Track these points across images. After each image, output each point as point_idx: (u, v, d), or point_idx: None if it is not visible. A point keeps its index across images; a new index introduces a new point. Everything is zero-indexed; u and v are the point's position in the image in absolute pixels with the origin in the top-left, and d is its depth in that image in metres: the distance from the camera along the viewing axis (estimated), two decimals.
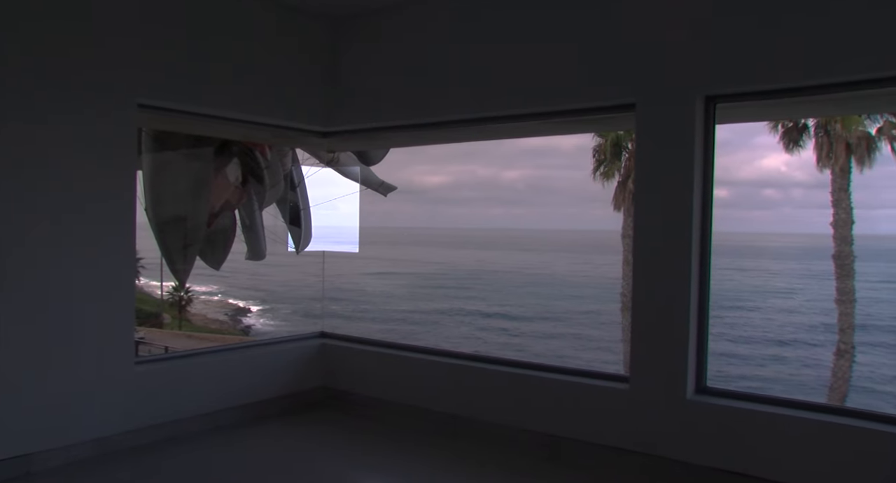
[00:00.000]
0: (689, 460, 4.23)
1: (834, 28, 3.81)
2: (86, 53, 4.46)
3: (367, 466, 4.80)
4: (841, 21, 3.79)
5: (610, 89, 4.58)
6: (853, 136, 16.60)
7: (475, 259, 71.70)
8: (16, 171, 4.18)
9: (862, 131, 16.67)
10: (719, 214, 4.49)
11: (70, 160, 4.41)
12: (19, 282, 4.22)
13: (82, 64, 4.43)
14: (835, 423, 3.88)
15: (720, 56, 4.16)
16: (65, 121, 4.37)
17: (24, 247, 4.24)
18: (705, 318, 4.35)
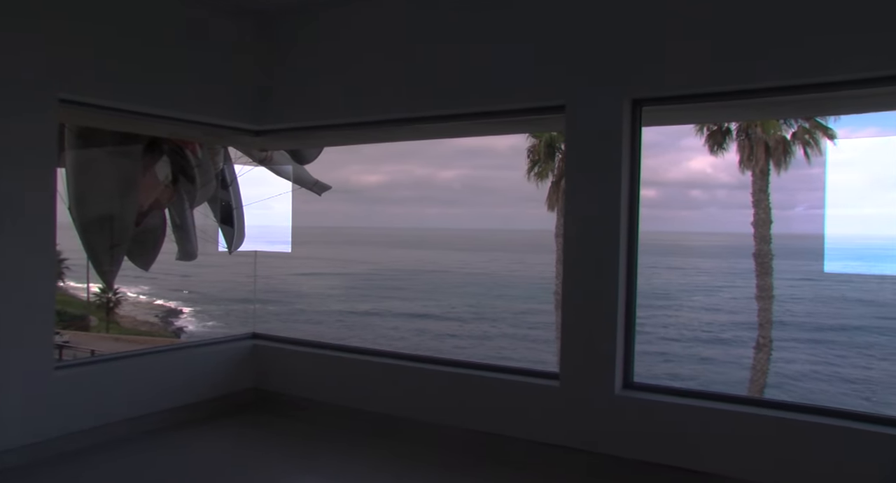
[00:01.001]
0: (619, 454, 4.35)
1: (751, 36, 3.98)
2: (2, 46, 4.28)
3: (301, 468, 4.76)
4: (757, 29, 3.97)
5: (540, 91, 4.67)
6: (772, 139, 17.40)
7: (411, 259, 71.69)
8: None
9: (779, 135, 17.50)
10: (649, 214, 4.64)
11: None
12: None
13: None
14: (756, 415, 4.07)
15: (646, 60, 4.30)
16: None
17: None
18: (632, 315, 4.48)
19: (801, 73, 3.90)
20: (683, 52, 4.18)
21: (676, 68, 4.21)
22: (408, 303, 48.04)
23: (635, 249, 4.49)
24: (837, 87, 3.95)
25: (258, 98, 5.86)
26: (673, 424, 4.25)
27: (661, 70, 4.26)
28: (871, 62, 3.70)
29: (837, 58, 3.78)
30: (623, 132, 4.38)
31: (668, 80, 4.26)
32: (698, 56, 4.15)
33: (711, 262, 63.94)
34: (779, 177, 17.69)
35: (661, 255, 67.26)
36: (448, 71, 5.01)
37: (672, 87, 4.29)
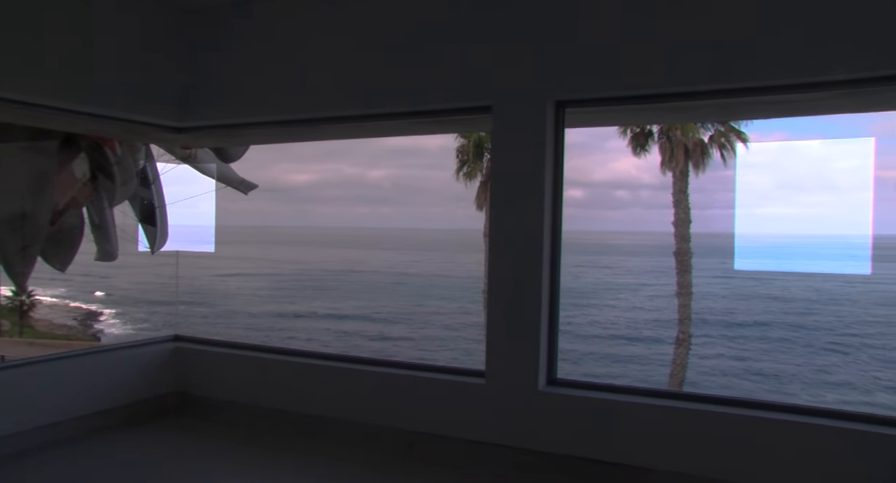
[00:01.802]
0: (545, 449, 4.44)
1: (669, 41, 4.13)
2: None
3: (225, 471, 4.67)
4: (674, 34, 4.12)
5: (467, 92, 4.72)
6: (690, 142, 18.10)
7: (341, 259, 71.11)
8: None
9: (697, 138, 18.23)
10: (576, 214, 4.78)
11: None
12: None
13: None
14: (676, 408, 4.22)
15: (570, 63, 4.39)
16: None
17: None
18: (556, 312, 4.59)
19: (716, 79, 4.06)
20: (605, 55, 4.30)
21: (598, 71, 4.32)
22: (338, 303, 47.60)
23: (558, 249, 4.60)
24: (749, 92, 4.14)
25: (179, 94, 5.71)
26: (596, 419, 4.37)
27: (584, 73, 4.36)
28: (781, 69, 3.89)
29: (749, 64, 3.95)
30: (547, 133, 4.48)
31: (590, 83, 4.37)
32: (619, 60, 4.27)
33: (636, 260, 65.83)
34: (697, 178, 18.44)
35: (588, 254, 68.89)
36: (376, 70, 5.00)
37: (594, 90, 4.40)
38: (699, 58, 4.07)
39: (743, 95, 4.20)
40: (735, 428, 4.05)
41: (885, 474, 3.63)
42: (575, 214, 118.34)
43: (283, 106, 5.41)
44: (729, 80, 4.05)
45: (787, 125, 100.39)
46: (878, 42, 3.66)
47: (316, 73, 5.24)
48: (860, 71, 3.75)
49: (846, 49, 3.73)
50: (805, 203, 45.26)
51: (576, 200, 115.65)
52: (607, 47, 4.29)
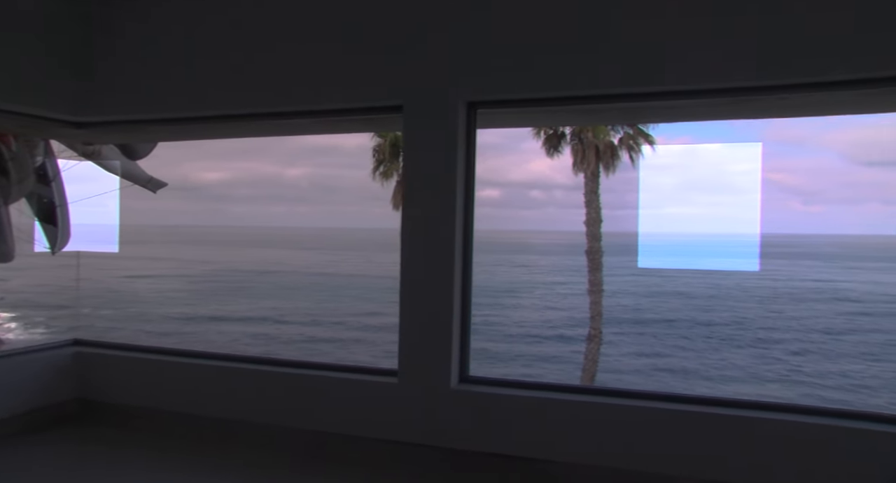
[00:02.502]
0: (459, 447, 4.50)
1: (576, 44, 4.25)
2: None
3: (133, 479, 4.51)
4: (587, 37, 4.23)
5: (378, 91, 4.72)
6: (601, 143, 18.70)
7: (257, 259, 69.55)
8: None
9: (608, 140, 18.85)
10: (492, 213, 4.86)
11: None
12: None
13: None
14: (587, 402, 4.34)
15: (481, 64, 4.45)
16: None
17: None
18: (468, 310, 4.65)
19: (626, 82, 4.20)
20: (517, 57, 4.38)
21: (509, 73, 4.40)
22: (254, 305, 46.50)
23: (470, 248, 4.66)
24: (655, 97, 4.31)
25: (79, 88, 5.44)
26: (508, 415, 4.45)
27: (496, 74, 4.42)
28: (685, 76, 4.07)
29: (657, 69, 4.11)
30: (459, 133, 4.53)
31: (502, 85, 4.44)
32: (531, 61, 4.36)
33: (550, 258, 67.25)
34: (608, 178, 19.06)
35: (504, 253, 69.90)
36: (288, 67, 4.93)
37: (505, 91, 4.47)
38: (609, 61, 4.21)
39: (650, 100, 4.37)
40: (644, 419, 4.20)
41: (886, 475, 3.75)
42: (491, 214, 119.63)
43: (191, 102, 5.26)
44: (637, 85, 4.20)
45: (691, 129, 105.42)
46: (762, 53, 3.89)
47: (223, 68, 5.12)
48: (751, 79, 3.97)
49: (740, 58, 3.94)
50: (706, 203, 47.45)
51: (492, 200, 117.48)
52: (519, 49, 4.38)
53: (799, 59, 3.83)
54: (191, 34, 5.22)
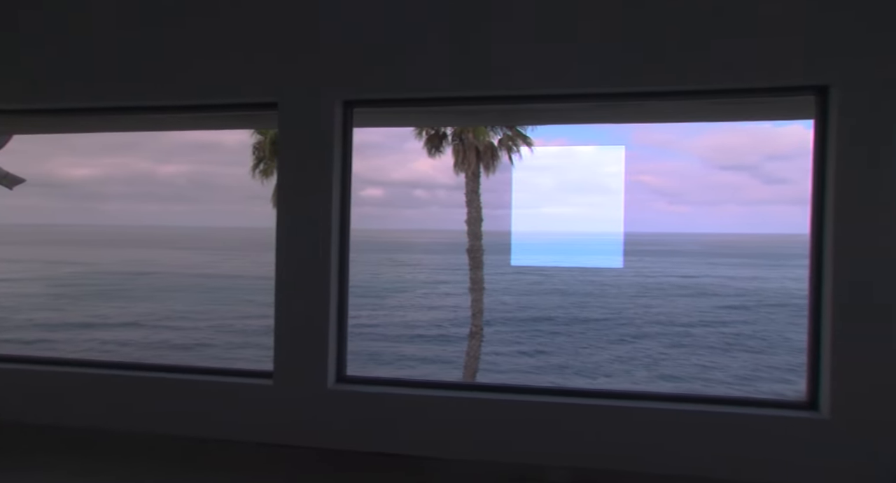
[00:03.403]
0: (336, 447, 4.47)
1: (451, 46, 4.32)
2: None
3: None
4: (456, 40, 4.32)
5: (253, 88, 4.60)
6: (481, 144, 19.09)
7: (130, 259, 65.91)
8: None
9: (488, 141, 19.27)
10: (375, 212, 4.84)
11: None
12: None
13: None
14: (466, 398, 4.42)
15: (357, 63, 4.44)
16: None
17: None
18: (344, 310, 4.63)
19: (498, 85, 4.31)
20: (392, 57, 4.40)
21: (385, 73, 4.41)
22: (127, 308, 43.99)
23: (347, 247, 4.63)
24: (528, 100, 4.46)
25: None
26: (387, 413, 4.46)
27: (372, 74, 4.43)
28: (555, 80, 4.22)
29: (528, 74, 4.24)
30: (335, 132, 4.50)
31: (378, 84, 4.45)
32: (406, 61, 4.39)
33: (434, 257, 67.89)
34: (488, 179, 19.48)
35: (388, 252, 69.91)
36: (162, 61, 4.72)
37: (381, 91, 4.48)
38: (482, 64, 4.30)
39: (522, 102, 4.51)
40: (520, 413, 4.33)
41: (887, 475, 3.94)
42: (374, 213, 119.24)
43: (52, 93, 4.92)
44: (508, 88, 4.32)
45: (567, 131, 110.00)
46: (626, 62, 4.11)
47: (89, 58, 4.83)
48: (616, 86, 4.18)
49: (606, 65, 4.14)
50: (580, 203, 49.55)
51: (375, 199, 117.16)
52: (395, 48, 4.40)
53: (656, 70, 4.08)
54: (65, 20, 4.88)
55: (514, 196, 37.35)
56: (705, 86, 4.11)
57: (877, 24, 3.83)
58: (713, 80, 4.06)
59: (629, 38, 4.11)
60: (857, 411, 3.90)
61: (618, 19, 4.12)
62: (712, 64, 4.02)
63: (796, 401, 4.14)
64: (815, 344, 4.09)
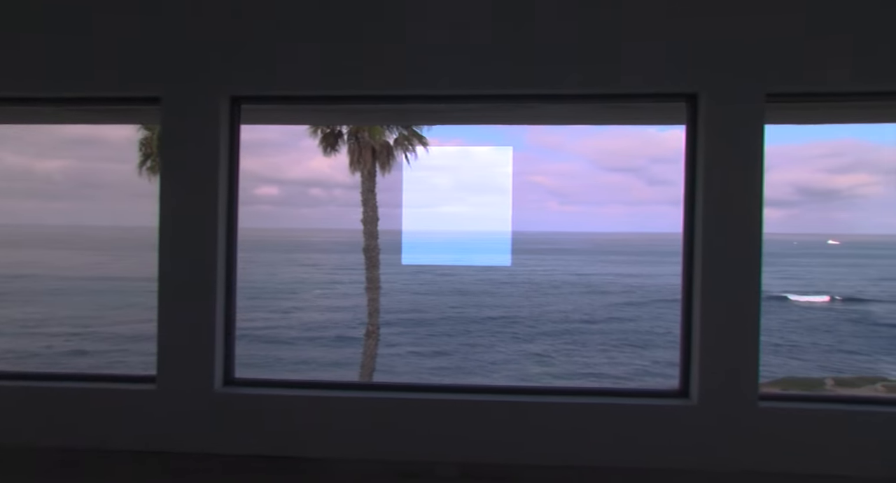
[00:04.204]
0: (226, 451, 4.38)
1: (344, 45, 4.30)
2: None
3: None
4: (352, 38, 4.30)
5: (135, 81, 4.42)
6: (377, 144, 19.06)
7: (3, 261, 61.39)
8: None
9: (384, 141, 19.26)
10: (271, 211, 4.73)
11: None
12: None
13: None
14: (359, 398, 4.41)
15: (245, 58, 4.35)
16: None
17: None
18: (232, 311, 4.52)
19: (390, 85, 4.33)
20: (281, 53, 4.33)
21: (273, 69, 4.34)
22: None
23: (234, 247, 4.53)
24: (418, 100, 4.50)
25: None
26: (276, 415, 4.40)
27: (259, 70, 4.35)
28: (448, 82, 4.28)
29: (421, 76, 4.29)
30: (221, 128, 4.39)
31: (265, 81, 4.37)
32: (294, 59, 4.33)
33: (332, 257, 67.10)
34: (384, 178, 19.46)
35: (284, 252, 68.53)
36: (40, 51, 4.44)
37: (269, 88, 4.41)
38: (373, 63, 4.30)
39: (414, 102, 4.55)
40: (408, 411, 4.37)
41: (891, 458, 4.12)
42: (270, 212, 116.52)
43: None
44: (398, 88, 4.35)
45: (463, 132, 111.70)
46: (514, 65, 4.23)
47: None
48: (503, 88, 4.29)
49: (495, 69, 4.24)
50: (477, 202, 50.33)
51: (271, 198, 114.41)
52: (283, 46, 4.33)
53: (545, 73, 4.22)
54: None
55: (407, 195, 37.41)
56: (589, 90, 4.29)
57: (741, 35, 4.12)
58: (596, 84, 4.24)
59: (521, 42, 4.23)
60: (721, 397, 4.19)
61: (510, 24, 4.23)
62: (595, 69, 4.21)
63: (670, 390, 4.40)
64: (687, 336, 4.36)
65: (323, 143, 19.19)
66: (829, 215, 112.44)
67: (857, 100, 4.30)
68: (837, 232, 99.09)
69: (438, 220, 37.40)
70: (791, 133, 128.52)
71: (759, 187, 4.14)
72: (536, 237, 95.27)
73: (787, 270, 61.60)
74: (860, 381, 28.95)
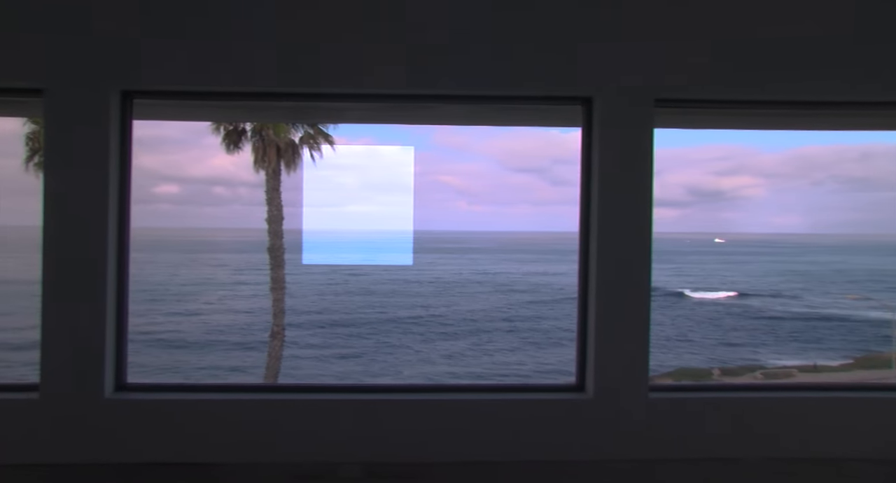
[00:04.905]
0: (119, 460, 4.22)
1: (234, 42, 4.21)
2: None
3: None
4: (237, 34, 4.21)
5: (13, 70, 4.15)
6: (282, 141, 18.70)
7: None
8: None
9: (289, 139, 18.92)
10: (173, 210, 4.54)
11: None
12: None
13: None
14: (258, 400, 4.33)
15: (137, 51, 4.18)
16: None
17: None
18: (124, 314, 4.35)
19: (283, 82, 4.27)
20: (174, 48, 4.20)
21: (166, 64, 4.20)
22: None
23: (126, 247, 4.35)
24: (313, 98, 4.46)
25: None
26: (173, 421, 4.26)
27: (152, 64, 4.19)
28: (340, 80, 4.26)
29: (313, 74, 4.24)
30: (111, 123, 4.21)
31: (159, 76, 4.22)
32: (186, 54, 4.20)
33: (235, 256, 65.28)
34: (289, 176, 19.11)
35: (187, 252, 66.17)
36: None
37: (163, 83, 4.26)
38: (265, 61, 4.23)
39: (308, 100, 4.50)
40: (309, 412, 4.33)
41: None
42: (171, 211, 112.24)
43: None
44: (293, 85, 4.30)
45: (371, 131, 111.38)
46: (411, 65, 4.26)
47: None
48: (402, 88, 4.31)
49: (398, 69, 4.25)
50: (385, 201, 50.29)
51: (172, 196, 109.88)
52: (176, 40, 4.20)
53: (449, 74, 4.27)
54: None
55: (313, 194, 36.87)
56: (491, 91, 4.37)
57: (633, 42, 4.30)
58: (497, 86, 4.33)
59: (420, 43, 4.25)
60: (615, 390, 4.37)
61: (408, 24, 4.25)
62: (496, 71, 4.29)
63: (568, 384, 4.55)
64: (583, 333, 4.52)
65: (226, 141, 18.65)
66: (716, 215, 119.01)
67: (741, 107, 4.58)
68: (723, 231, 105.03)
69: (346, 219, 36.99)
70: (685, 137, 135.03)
71: (649, 188, 4.33)
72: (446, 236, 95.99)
73: (683, 268, 64.60)
74: (743, 370, 31.11)
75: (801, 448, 4.45)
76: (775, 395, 4.63)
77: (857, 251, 76.82)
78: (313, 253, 39.77)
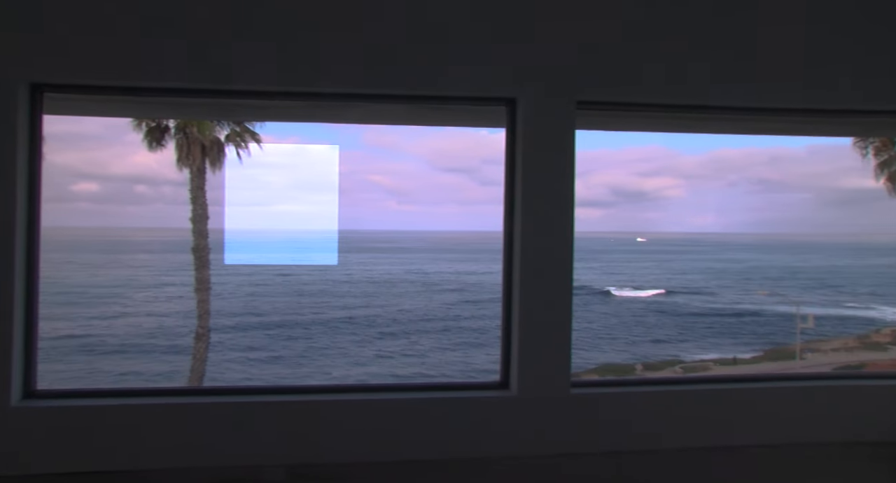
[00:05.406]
0: (26, 472, 4.02)
1: (151, 38, 4.09)
2: None
3: None
4: (158, 29, 4.09)
5: None
6: (207, 139, 18.24)
7: None
8: None
9: (214, 136, 18.47)
10: (92, 209, 4.35)
11: None
12: None
13: None
14: (177, 404, 4.22)
15: (49, 41, 4.01)
16: None
17: None
18: (33, 318, 4.15)
19: (195, 79, 4.17)
20: (89, 41, 4.04)
21: (80, 57, 4.05)
22: None
23: (36, 248, 4.15)
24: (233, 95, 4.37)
25: None
26: (86, 428, 4.10)
27: (64, 56, 4.03)
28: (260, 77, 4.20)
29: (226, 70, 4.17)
30: (18, 118, 4.01)
31: (71, 68, 4.06)
32: (102, 45, 4.06)
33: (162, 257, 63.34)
34: (214, 175, 18.67)
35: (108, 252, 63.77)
36: None
37: (75, 76, 4.10)
38: (177, 57, 4.13)
39: (229, 97, 4.40)
40: (230, 415, 4.24)
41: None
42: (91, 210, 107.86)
43: None
44: (209, 82, 4.20)
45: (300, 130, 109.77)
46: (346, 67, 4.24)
47: None
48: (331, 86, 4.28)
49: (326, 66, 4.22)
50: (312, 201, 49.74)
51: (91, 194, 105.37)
52: (91, 32, 4.04)
53: (378, 74, 4.27)
54: None
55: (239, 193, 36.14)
56: (420, 92, 4.38)
57: (556, 43, 4.39)
58: (425, 86, 4.34)
59: (355, 41, 4.23)
60: (537, 386, 4.44)
61: (341, 23, 4.22)
62: (425, 72, 4.30)
63: (492, 382, 4.59)
64: (507, 330, 4.58)
65: (148, 138, 18.06)
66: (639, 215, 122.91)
67: (661, 110, 4.72)
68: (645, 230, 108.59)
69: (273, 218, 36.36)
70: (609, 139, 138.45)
71: (571, 188, 4.43)
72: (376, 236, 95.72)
73: (608, 266, 66.24)
74: (664, 364, 32.28)
75: (720, 437, 4.64)
76: (694, 387, 4.81)
77: (770, 250, 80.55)
78: (236, 253, 38.94)
